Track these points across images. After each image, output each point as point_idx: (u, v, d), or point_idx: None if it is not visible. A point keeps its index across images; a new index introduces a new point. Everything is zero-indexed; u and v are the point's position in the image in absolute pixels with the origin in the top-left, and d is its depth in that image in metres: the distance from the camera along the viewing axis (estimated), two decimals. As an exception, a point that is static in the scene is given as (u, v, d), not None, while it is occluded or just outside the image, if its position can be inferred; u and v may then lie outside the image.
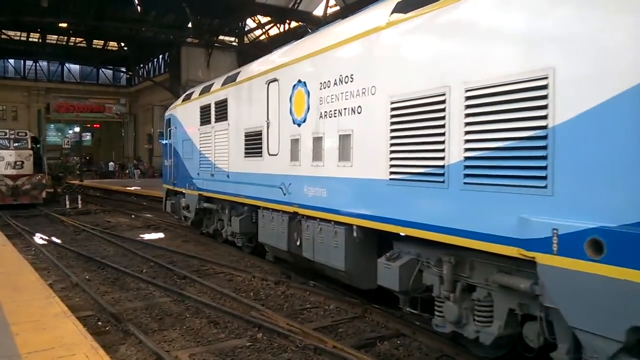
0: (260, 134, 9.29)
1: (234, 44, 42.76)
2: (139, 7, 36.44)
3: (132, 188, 30.92)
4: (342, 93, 6.85)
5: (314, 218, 7.59)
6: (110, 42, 50.65)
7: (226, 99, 11.00)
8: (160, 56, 48.83)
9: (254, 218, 10.14)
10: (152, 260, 11.02)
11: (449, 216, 5.01)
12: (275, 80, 8.79)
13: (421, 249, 5.73)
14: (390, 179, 5.85)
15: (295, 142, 8.09)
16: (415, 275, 5.77)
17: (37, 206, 22.08)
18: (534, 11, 4.27)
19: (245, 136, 9.96)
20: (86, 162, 54.64)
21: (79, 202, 23.13)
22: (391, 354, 5.95)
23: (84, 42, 48.50)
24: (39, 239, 14.24)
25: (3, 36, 44.95)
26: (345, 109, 6.78)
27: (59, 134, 60.47)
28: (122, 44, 50.73)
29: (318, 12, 33.17)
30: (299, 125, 7.98)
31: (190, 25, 36.79)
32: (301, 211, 7.91)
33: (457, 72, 4.98)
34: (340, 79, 6.90)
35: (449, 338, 5.77)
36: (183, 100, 14.46)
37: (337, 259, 7.04)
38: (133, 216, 19.86)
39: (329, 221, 7.19)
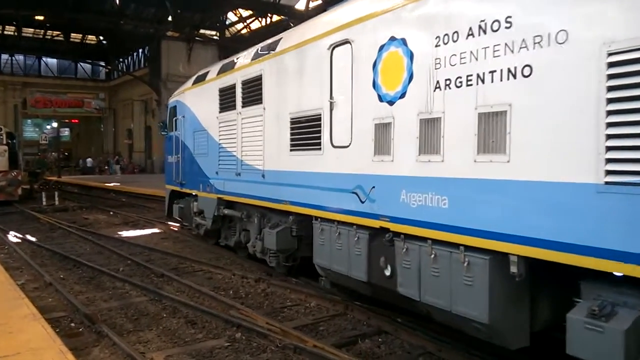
0: (319, 119, 7.10)
1: (215, 37, 42.37)
2: (117, 0, 35.86)
3: (112, 184, 30.41)
4: (485, 48, 4.61)
5: (421, 238, 5.34)
6: (89, 36, 49.88)
7: (260, 75, 8.65)
8: (140, 50, 48.15)
9: (295, 231, 8.15)
10: (129, 258, 10.75)
11: None
12: (346, 42, 6.51)
13: None
14: (608, 183, 3.73)
15: (383, 128, 5.89)
16: None
17: (13, 203, 21.52)
18: None
19: (292, 123, 7.75)
20: (65, 158, 53.78)
21: (56, 199, 22.69)
22: (373, 352, 5.83)
23: (62, 35, 47.69)
24: (12, 237, 13.85)
25: (-23, 29, 44.04)
26: (492, 72, 4.54)
27: (37, 129, 59.37)
28: (101, 38, 50.02)
29: (300, 6, 32.94)
30: (390, 103, 5.77)
31: (170, 18, 36.29)
32: (395, 227, 5.69)
33: None
34: (481, 27, 4.64)
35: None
36: (194, 83, 11.91)
37: (473, 306, 4.75)
38: (111, 213, 19.47)
39: (453, 245, 4.95)
